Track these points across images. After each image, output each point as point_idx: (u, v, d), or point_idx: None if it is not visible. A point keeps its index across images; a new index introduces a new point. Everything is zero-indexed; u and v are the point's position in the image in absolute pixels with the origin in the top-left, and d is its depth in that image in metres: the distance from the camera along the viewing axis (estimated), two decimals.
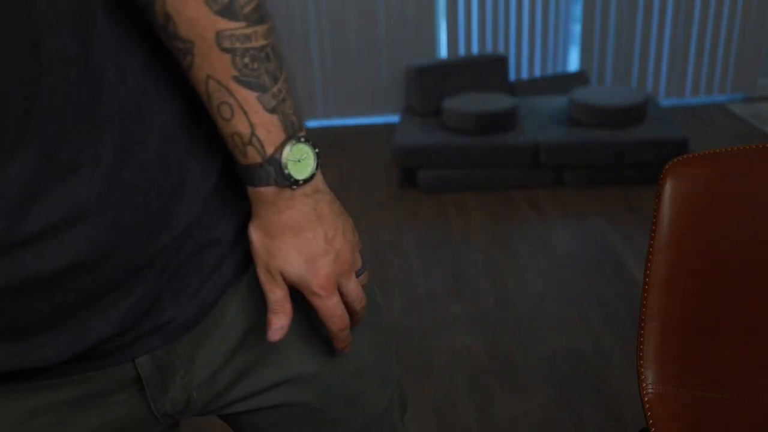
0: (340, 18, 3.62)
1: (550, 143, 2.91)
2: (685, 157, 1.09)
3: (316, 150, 0.58)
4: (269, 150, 0.56)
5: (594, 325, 2.14)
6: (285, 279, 0.61)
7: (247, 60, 0.54)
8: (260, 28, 0.54)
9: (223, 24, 0.53)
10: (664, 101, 3.86)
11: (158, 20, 0.53)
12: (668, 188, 1.06)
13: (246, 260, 0.66)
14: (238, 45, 0.54)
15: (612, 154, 2.91)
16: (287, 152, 0.56)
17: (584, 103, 3.00)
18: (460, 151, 2.94)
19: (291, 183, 0.57)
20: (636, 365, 1.09)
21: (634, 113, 2.99)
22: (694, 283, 1.08)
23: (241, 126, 0.55)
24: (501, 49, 3.70)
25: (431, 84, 3.27)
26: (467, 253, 2.55)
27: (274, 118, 0.56)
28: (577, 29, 3.77)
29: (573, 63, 3.81)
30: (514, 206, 2.86)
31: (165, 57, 0.57)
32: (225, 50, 0.53)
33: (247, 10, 0.53)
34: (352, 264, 0.63)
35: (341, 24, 3.64)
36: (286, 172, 0.56)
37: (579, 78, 3.61)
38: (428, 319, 2.20)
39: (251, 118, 0.55)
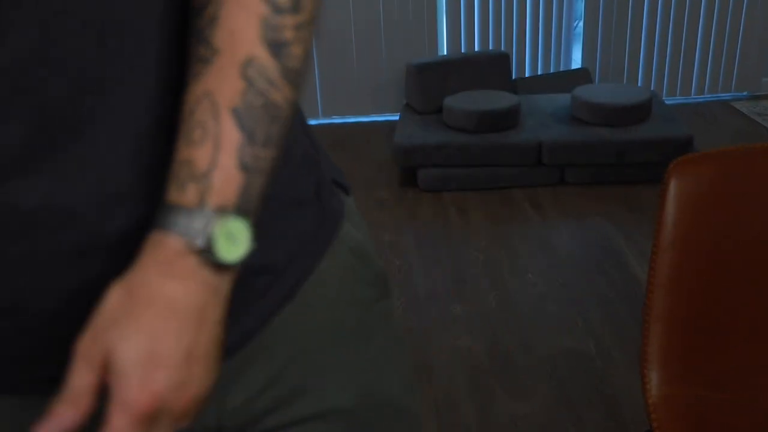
0: (340, 15, 3.61)
1: (552, 142, 2.89)
2: (689, 156, 1.09)
3: (252, 248, 0.48)
4: (211, 201, 0.46)
5: (595, 325, 2.13)
6: (104, 364, 0.45)
7: (258, 103, 0.47)
8: (290, 89, 0.49)
9: (262, 54, 0.47)
10: (668, 99, 3.85)
11: (201, 18, 0.48)
12: (673, 187, 1.06)
13: (293, 289, 0.62)
14: (260, 83, 0.47)
15: (615, 153, 2.90)
16: (226, 221, 0.46)
17: (587, 101, 2.98)
18: (460, 150, 2.92)
19: (207, 254, 0.46)
20: (638, 366, 1.08)
21: (638, 111, 2.97)
22: (699, 283, 1.08)
23: (201, 158, 0.46)
24: (503, 47, 3.69)
25: (432, 82, 3.26)
26: (467, 252, 2.54)
27: (239, 177, 0.47)
28: (579, 26, 3.76)
29: (576, 60, 3.80)
30: (515, 206, 2.85)
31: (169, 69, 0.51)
32: (244, 78, 0.47)
33: (292, 63, 0.48)
34: (184, 415, 0.47)
35: (342, 22, 3.62)
36: (212, 239, 0.46)
37: (582, 76, 3.60)
38: (428, 319, 2.19)
39: (219, 157, 0.46)
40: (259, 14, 0.47)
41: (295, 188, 0.62)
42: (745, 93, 3.88)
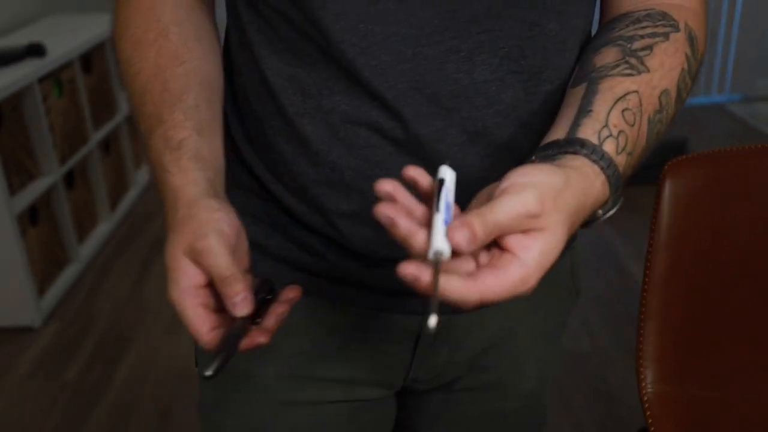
0: None
1: None
2: (684, 157, 1.09)
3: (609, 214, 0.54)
4: (614, 161, 0.51)
5: (593, 324, 2.14)
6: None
7: (657, 127, 0.56)
8: (665, 133, 0.58)
9: (673, 93, 0.56)
10: None
11: (634, 41, 0.57)
12: (667, 189, 1.06)
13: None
14: (665, 113, 0.56)
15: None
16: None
17: None
18: None
19: (614, 186, 0.51)
20: (635, 364, 1.10)
21: None
22: (694, 282, 1.08)
23: (632, 135, 0.53)
24: None
25: None
26: None
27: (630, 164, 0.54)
28: None
29: None
30: None
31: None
32: (659, 101, 0.55)
33: (675, 113, 0.58)
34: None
35: None
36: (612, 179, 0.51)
37: None
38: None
39: (637, 141, 0.54)
40: (682, 65, 0.57)
41: None
42: (738, 95, 3.90)
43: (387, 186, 0.44)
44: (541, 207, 0.43)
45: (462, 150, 0.60)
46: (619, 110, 0.52)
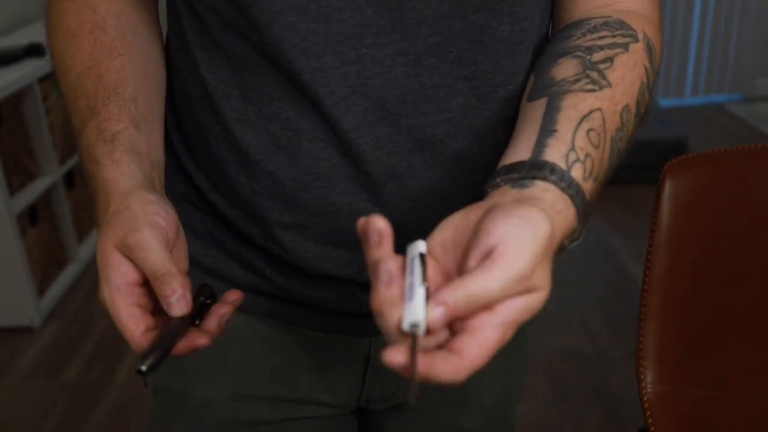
0: None
1: None
2: (683, 157, 1.09)
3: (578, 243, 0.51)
4: (581, 187, 0.48)
5: (593, 324, 2.15)
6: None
7: (619, 145, 0.53)
8: (625, 150, 0.55)
9: (633, 109, 0.54)
10: (663, 101, 3.87)
11: (593, 52, 0.54)
12: (667, 189, 1.06)
13: None
14: (625, 130, 0.53)
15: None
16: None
17: None
18: None
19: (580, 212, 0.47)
20: (635, 364, 1.10)
21: None
22: (693, 282, 1.08)
23: (597, 157, 0.50)
24: None
25: None
26: None
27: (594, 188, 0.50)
28: None
29: None
30: None
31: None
32: (620, 118, 0.52)
33: (635, 130, 0.55)
34: None
35: None
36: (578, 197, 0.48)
37: None
38: None
39: (602, 164, 0.51)
40: (641, 78, 0.54)
41: None
42: (738, 95, 3.91)
43: (380, 224, 0.39)
44: (533, 270, 0.40)
45: (408, 159, 0.56)
46: (584, 131, 0.49)
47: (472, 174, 0.59)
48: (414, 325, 0.38)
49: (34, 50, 2.30)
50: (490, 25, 0.54)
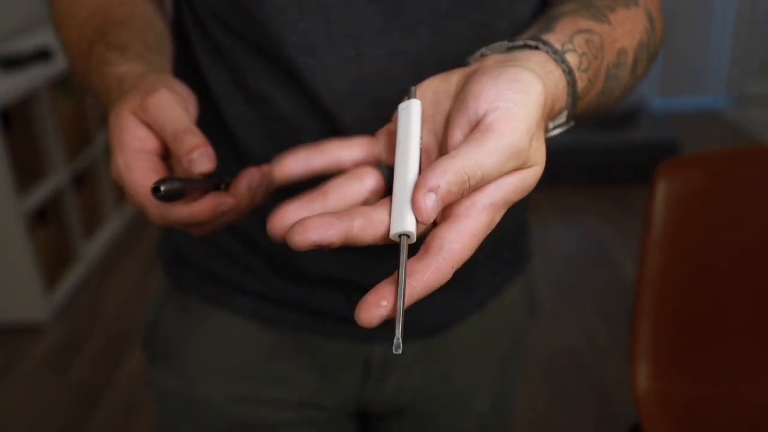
0: None
1: (547, 144, 2.94)
2: (676, 158, 1.10)
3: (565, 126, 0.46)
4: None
5: (589, 322, 2.15)
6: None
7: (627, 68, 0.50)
8: (633, 85, 0.52)
9: (645, 38, 0.51)
10: (656, 103, 3.89)
11: None
12: (660, 189, 1.07)
13: (495, 290, 0.71)
14: (642, 53, 0.51)
15: (605, 154, 2.96)
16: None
17: None
18: None
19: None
20: (629, 362, 1.12)
21: (627, 115, 3.03)
22: (686, 281, 1.09)
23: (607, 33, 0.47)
24: None
25: None
26: None
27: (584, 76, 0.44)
28: None
29: None
30: None
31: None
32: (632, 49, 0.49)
33: (643, 73, 0.52)
34: None
35: None
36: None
37: None
38: None
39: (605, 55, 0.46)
40: (641, 34, 0.51)
41: (527, 209, 0.72)
42: (731, 96, 3.90)
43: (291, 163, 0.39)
44: (529, 140, 0.35)
45: None
46: (583, 38, 0.43)
47: None
48: (404, 235, 0.32)
49: (41, 54, 2.32)
50: (489, 24, 0.54)
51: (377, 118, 0.49)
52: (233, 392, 0.68)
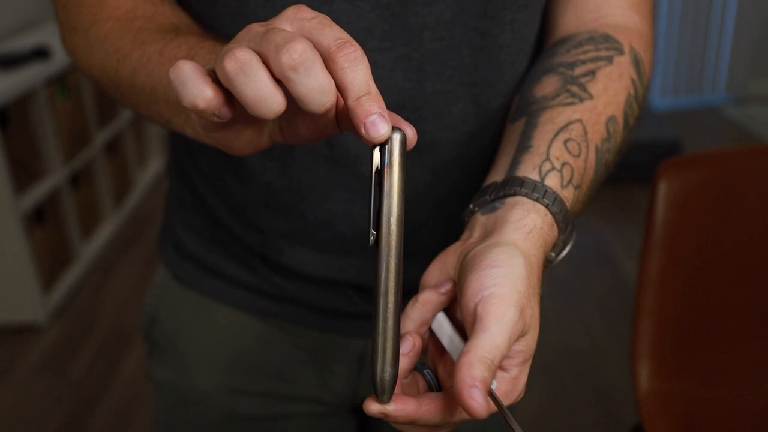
0: None
1: None
2: (677, 158, 1.10)
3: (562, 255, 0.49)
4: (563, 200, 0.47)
5: (590, 322, 2.16)
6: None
7: (605, 156, 0.52)
8: (614, 161, 0.54)
9: (620, 120, 0.53)
10: (657, 102, 3.89)
11: (575, 66, 0.53)
12: (661, 189, 1.07)
13: None
14: (613, 141, 0.52)
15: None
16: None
17: None
18: None
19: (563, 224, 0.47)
20: (630, 362, 1.11)
21: None
22: (688, 281, 1.09)
23: (577, 166, 0.49)
24: None
25: None
26: None
27: (580, 199, 0.50)
28: None
29: None
30: None
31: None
32: (607, 129, 0.51)
33: (623, 143, 0.54)
34: None
35: None
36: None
37: None
38: None
39: (584, 173, 0.50)
40: (627, 90, 0.54)
41: None
42: (731, 96, 3.91)
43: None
44: (522, 311, 0.40)
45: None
46: (561, 141, 0.48)
47: (470, 180, 0.59)
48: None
49: (39, 52, 2.32)
50: (492, 33, 0.55)
51: None
52: (230, 385, 0.69)
